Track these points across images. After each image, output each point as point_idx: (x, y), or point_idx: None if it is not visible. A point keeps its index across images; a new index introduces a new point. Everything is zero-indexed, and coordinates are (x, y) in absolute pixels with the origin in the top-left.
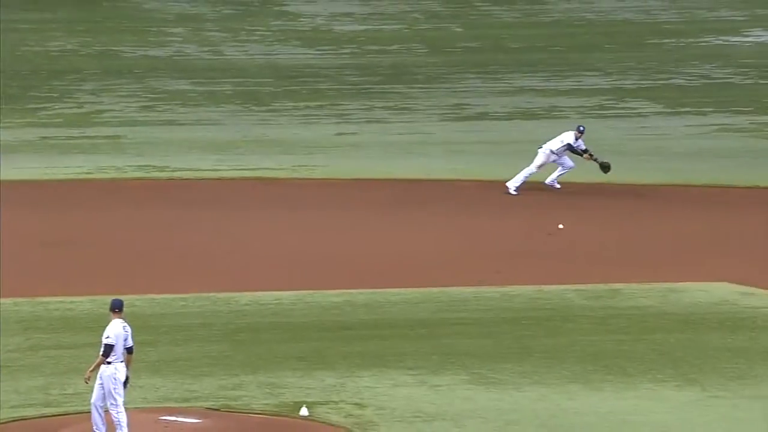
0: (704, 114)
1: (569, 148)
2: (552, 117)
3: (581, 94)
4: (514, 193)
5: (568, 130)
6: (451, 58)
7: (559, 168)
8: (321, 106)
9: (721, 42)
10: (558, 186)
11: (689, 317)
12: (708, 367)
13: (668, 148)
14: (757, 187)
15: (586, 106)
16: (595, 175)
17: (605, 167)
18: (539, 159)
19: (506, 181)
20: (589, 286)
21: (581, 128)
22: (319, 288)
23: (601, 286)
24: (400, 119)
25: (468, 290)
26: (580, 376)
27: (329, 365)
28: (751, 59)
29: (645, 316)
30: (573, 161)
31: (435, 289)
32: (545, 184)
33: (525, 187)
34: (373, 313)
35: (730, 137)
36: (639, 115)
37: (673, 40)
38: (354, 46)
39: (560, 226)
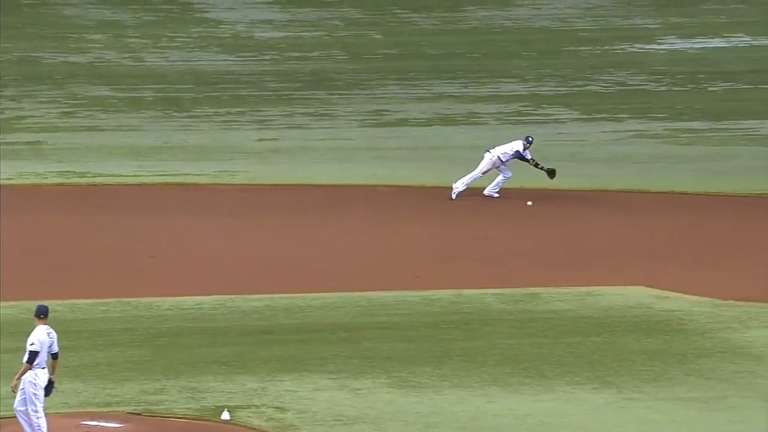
0: (620, 120)
1: (518, 156)
2: (471, 123)
3: (499, 100)
4: (454, 198)
5: (516, 140)
6: (371, 64)
7: (500, 176)
8: (242, 112)
9: (635, 49)
10: (497, 195)
11: (606, 320)
12: (624, 370)
13: (585, 154)
14: (672, 192)
15: (504, 113)
16: (514, 181)
17: (551, 173)
18: (485, 164)
19: (434, 186)
20: (507, 290)
21: (530, 139)
22: (241, 293)
23: (520, 290)
24: (320, 125)
25: (388, 294)
26: (499, 379)
27: (251, 369)
28: (664, 66)
29: (562, 319)
30: (511, 171)
31: (356, 294)
32: (484, 195)
33: (441, 192)
34: (294, 317)
35: (646, 143)
36: (556, 121)
37: (588, 48)
38: (274, 52)
39: (529, 203)
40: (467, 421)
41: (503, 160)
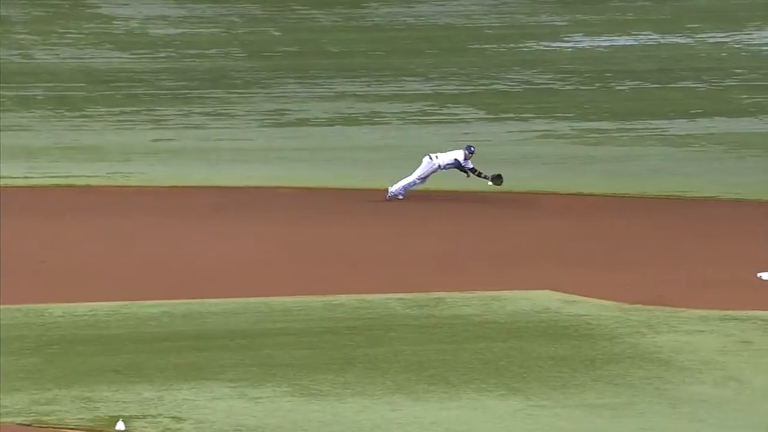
0: (526, 120)
1: (457, 165)
2: (374, 123)
3: (403, 99)
4: (389, 199)
5: (457, 149)
6: (270, 62)
7: (407, 178)
8: (137, 112)
9: (542, 47)
10: (401, 197)
11: (512, 325)
12: (531, 376)
13: (491, 155)
14: (580, 194)
15: (408, 112)
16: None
17: (498, 178)
18: (423, 170)
19: (337, 188)
20: (411, 295)
21: (471, 148)
22: (136, 299)
23: (424, 295)
24: (218, 125)
25: (290, 300)
26: (404, 387)
27: (147, 378)
28: (571, 65)
29: (468, 324)
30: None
31: (256, 299)
32: (389, 195)
33: (344, 194)
34: (192, 324)
35: (552, 143)
36: (462, 121)
37: (494, 45)
38: (170, 50)
39: (489, 183)
40: (371, 430)
41: (443, 168)
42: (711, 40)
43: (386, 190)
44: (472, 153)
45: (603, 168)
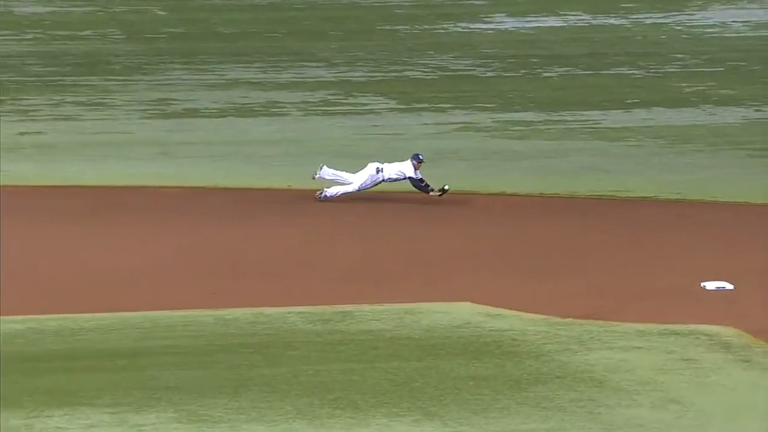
0: (443, 111)
1: (407, 179)
2: (270, 114)
3: (303, 87)
4: (320, 199)
5: (403, 160)
6: (154, 45)
7: (347, 187)
8: (0, 101)
9: (459, 29)
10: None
11: (428, 342)
12: (449, 399)
13: (404, 149)
14: (503, 194)
15: (310, 102)
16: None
17: (444, 191)
18: (364, 179)
19: (229, 187)
20: (314, 309)
21: (419, 157)
22: (0, 314)
23: (329, 308)
24: (94, 116)
25: (176, 314)
26: (305, 412)
27: (13, 403)
28: (493, 49)
29: (378, 341)
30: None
31: (137, 314)
32: (321, 196)
33: (237, 195)
34: (65, 342)
35: (472, 137)
36: (370, 111)
37: (406, 27)
38: (38, 31)
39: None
40: None
41: (387, 180)
42: (648, 21)
43: (318, 191)
44: (421, 162)
45: (529, 164)
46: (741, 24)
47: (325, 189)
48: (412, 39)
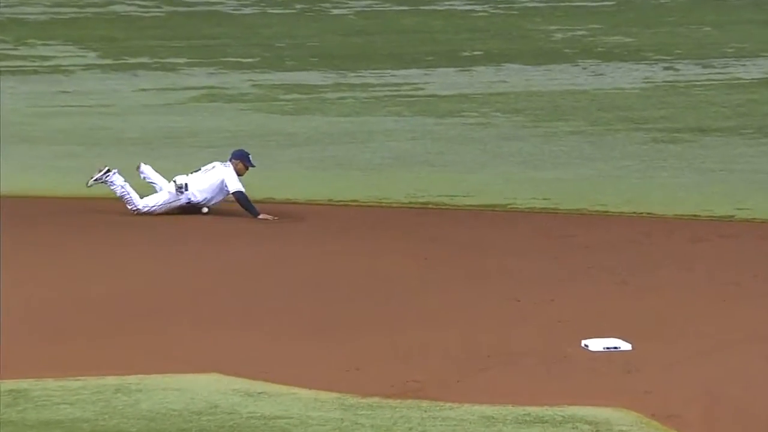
0: (172, 69)
1: (234, 195)
2: None
3: None
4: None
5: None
6: None
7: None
8: None
9: None
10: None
11: None
12: None
13: (113, 130)
14: (271, 200)
15: None
16: None
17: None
18: (161, 199)
19: None
20: None
21: (247, 157)
22: None
23: None
24: None
25: None
26: None
27: None
28: None
29: None
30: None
31: None
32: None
33: None
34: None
35: (221, 111)
36: (56, 69)
37: None
38: None
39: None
40: None
41: (199, 203)
42: None
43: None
44: (247, 164)
45: (310, 155)
46: None
47: (138, 206)
48: None
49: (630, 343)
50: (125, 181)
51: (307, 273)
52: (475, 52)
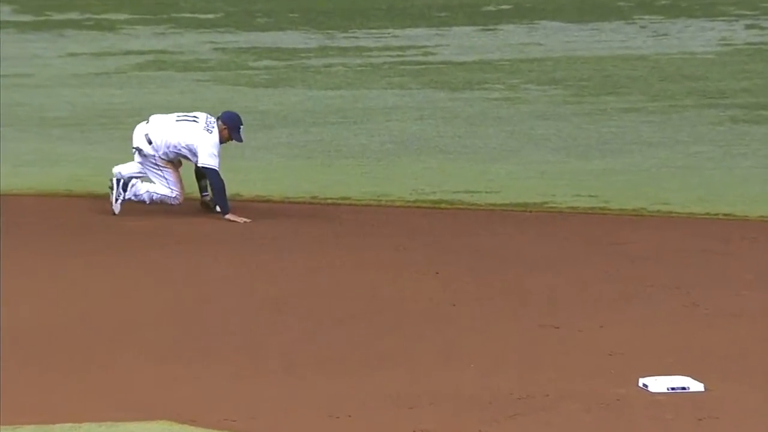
0: (119, 29)
1: (206, 171)
2: None
3: None
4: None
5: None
6: None
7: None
8: None
9: None
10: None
11: None
12: None
13: (29, 108)
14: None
15: None
16: None
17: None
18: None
19: None
20: None
21: (234, 119)
22: None
23: None
24: None
25: None
26: None
27: None
28: None
29: None
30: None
31: None
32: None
33: None
34: None
35: (164, 85)
36: None
37: None
38: None
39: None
40: None
41: (171, 155)
42: None
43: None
44: (231, 132)
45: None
46: None
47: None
48: None
49: (702, 383)
50: (142, 181)
51: (283, 293)
52: (502, 6)
